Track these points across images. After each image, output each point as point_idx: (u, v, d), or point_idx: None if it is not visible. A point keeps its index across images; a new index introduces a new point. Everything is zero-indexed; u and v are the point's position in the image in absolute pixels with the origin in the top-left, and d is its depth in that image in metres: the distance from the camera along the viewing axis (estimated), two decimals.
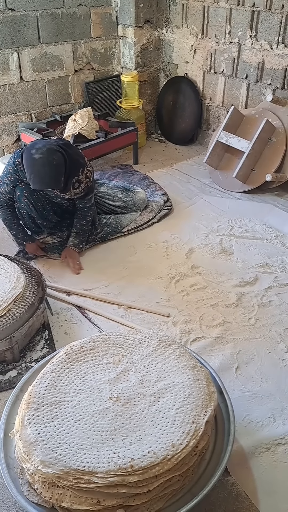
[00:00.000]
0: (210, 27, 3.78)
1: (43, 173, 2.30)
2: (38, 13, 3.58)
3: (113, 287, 2.52)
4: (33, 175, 2.31)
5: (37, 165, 2.29)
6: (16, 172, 2.49)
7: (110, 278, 2.59)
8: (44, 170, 2.30)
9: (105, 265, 2.70)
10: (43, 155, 2.29)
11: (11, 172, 2.51)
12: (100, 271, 2.65)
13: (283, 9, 3.26)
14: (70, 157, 2.40)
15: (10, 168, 2.51)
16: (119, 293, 2.48)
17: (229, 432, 1.51)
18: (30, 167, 2.31)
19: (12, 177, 2.52)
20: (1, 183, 2.56)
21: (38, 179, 2.31)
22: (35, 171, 2.30)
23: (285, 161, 3.38)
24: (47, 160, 2.29)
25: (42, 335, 2.14)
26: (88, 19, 3.89)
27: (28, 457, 1.34)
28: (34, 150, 2.31)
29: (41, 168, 2.29)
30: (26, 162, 2.34)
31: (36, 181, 2.32)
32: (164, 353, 1.68)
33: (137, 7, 3.90)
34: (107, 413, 1.45)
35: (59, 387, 1.52)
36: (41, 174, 2.30)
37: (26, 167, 2.34)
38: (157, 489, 1.32)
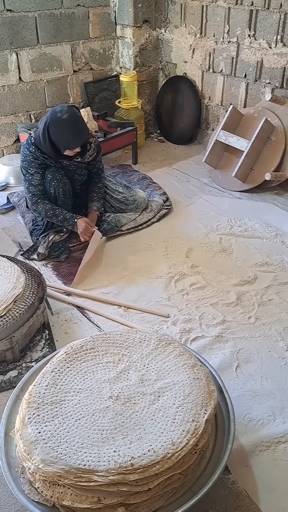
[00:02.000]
0: (209, 27, 3.79)
1: (80, 127, 2.50)
2: (37, 14, 3.58)
3: (113, 287, 2.53)
4: (72, 133, 2.46)
5: (71, 123, 2.46)
6: (37, 158, 2.59)
7: (110, 278, 2.59)
8: (78, 124, 2.49)
9: (105, 264, 2.70)
10: (69, 113, 2.47)
11: (32, 160, 2.59)
12: (100, 270, 2.65)
13: (281, 8, 3.27)
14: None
15: (30, 158, 2.59)
16: (119, 292, 2.49)
17: (229, 431, 1.52)
18: (65, 128, 2.45)
19: (36, 164, 2.59)
20: (29, 177, 2.61)
21: (78, 134, 2.48)
22: (72, 129, 2.46)
23: (284, 160, 3.38)
24: (75, 115, 2.50)
25: (42, 335, 2.15)
26: (87, 19, 3.89)
27: (28, 456, 1.34)
28: (58, 114, 2.47)
29: (75, 123, 2.47)
30: (58, 127, 2.45)
31: (78, 136, 2.49)
32: (164, 352, 1.68)
33: (135, 7, 3.91)
34: (107, 412, 1.45)
35: (59, 387, 1.52)
36: (79, 128, 2.49)
37: (58, 131, 2.46)
38: (158, 487, 1.33)
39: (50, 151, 2.55)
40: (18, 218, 3.14)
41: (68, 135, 2.47)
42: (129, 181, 3.50)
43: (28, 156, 2.60)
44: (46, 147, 2.54)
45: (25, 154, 2.61)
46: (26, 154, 2.61)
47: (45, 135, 2.50)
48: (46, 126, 2.50)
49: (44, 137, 2.51)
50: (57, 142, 2.51)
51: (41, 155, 2.60)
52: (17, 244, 2.86)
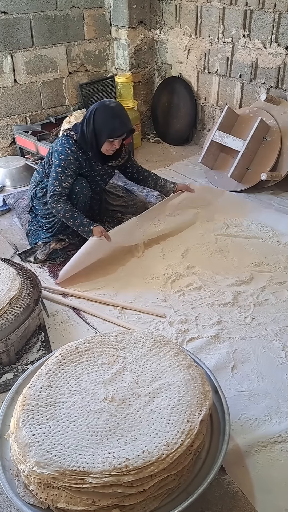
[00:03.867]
0: (204, 27, 3.79)
1: (125, 116, 2.57)
2: (31, 16, 3.59)
3: (109, 288, 2.52)
4: (120, 117, 2.52)
5: (118, 111, 2.53)
6: (77, 159, 2.59)
7: (107, 279, 2.59)
8: (124, 114, 2.56)
9: (101, 266, 2.70)
10: (116, 103, 2.59)
11: (72, 162, 2.57)
12: (96, 272, 2.65)
13: (275, 8, 3.27)
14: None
15: (71, 158, 2.57)
16: (115, 293, 2.48)
17: (225, 431, 1.51)
18: (112, 114, 2.50)
19: (74, 167, 2.59)
20: (62, 177, 2.56)
21: (125, 120, 2.54)
22: (120, 115, 2.53)
23: (280, 160, 3.39)
24: (122, 107, 2.60)
25: (38, 337, 2.14)
26: (81, 21, 3.90)
27: (23, 459, 1.34)
28: (106, 102, 2.57)
29: (122, 112, 2.56)
30: (104, 113, 2.50)
31: (125, 121, 2.54)
32: (159, 353, 1.68)
33: (130, 8, 3.91)
34: (102, 413, 1.45)
35: (54, 389, 1.52)
36: (126, 115, 2.57)
37: (105, 117, 2.49)
38: (152, 489, 1.33)
39: (93, 142, 2.54)
40: (14, 220, 3.14)
41: (114, 120, 2.49)
42: (126, 183, 3.49)
43: (69, 156, 2.56)
44: (89, 137, 2.53)
45: (66, 153, 2.55)
46: (67, 153, 2.55)
47: (90, 122, 2.52)
48: (92, 113, 2.52)
49: (88, 125, 2.52)
50: (100, 129, 2.50)
51: (82, 155, 2.60)
52: (13, 246, 2.86)
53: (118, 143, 2.58)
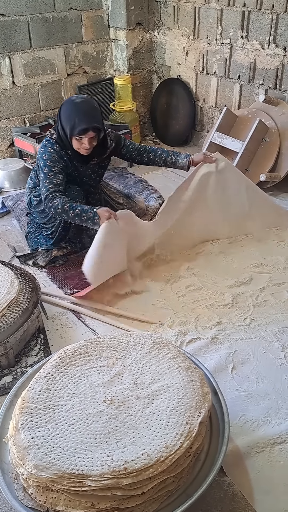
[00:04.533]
0: (202, 28, 3.80)
1: (90, 110, 2.39)
2: (29, 18, 3.59)
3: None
4: (82, 114, 2.35)
5: (82, 105, 2.38)
6: (61, 158, 2.51)
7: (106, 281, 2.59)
8: (89, 109, 2.39)
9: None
10: (84, 99, 2.43)
11: (57, 159, 2.49)
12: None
13: (273, 8, 3.27)
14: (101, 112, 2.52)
15: (55, 156, 2.48)
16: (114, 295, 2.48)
17: (224, 433, 1.51)
18: (75, 110, 2.37)
19: (61, 164, 2.50)
20: (51, 176, 2.46)
21: (88, 115, 2.36)
22: (83, 110, 2.37)
23: (279, 161, 3.39)
24: (90, 102, 2.43)
25: (37, 340, 2.14)
26: (80, 22, 3.90)
27: (22, 462, 1.34)
28: (73, 97, 2.43)
29: (87, 107, 2.39)
30: (68, 109, 2.39)
31: (85, 118, 2.35)
32: (158, 355, 1.68)
33: (128, 9, 3.92)
34: (101, 416, 1.45)
35: (52, 391, 1.52)
36: (90, 111, 2.39)
37: (69, 113, 2.38)
38: (152, 491, 1.32)
39: (65, 140, 2.46)
40: (13, 223, 3.14)
41: (74, 117, 2.36)
42: (125, 184, 3.49)
43: (52, 155, 2.48)
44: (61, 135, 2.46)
45: (49, 153, 2.47)
46: (50, 152, 2.47)
47: (58, 119, 2.45)
48: (59, 110, 2.46)
49: (58, 122, 2.46)
50: (65, 126, 2.41)
51: (65, 154, 2.52)
52: (12, 248, 2.86)
53: (88, 141, 2.40)
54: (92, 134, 2.39)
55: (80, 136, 2.38)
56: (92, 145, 2.45)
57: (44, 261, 2.69)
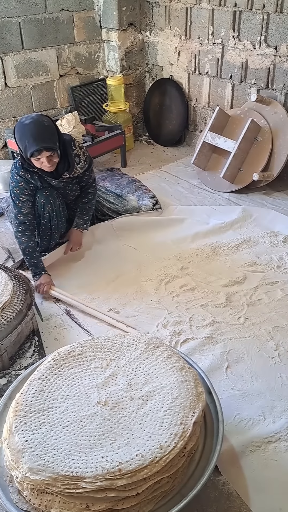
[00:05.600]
0: (193, 29, 3.80)
1: (40, 131, 2.30)
2: (21, 19, 3.58)
3: (102, 291, 2.52)
4: (30, 136, 2.27)
5: (30, 126, 2.29)
6: (28, 183, 2.47)
7: (100, 281, 2.59)
8: (38, 129, 2.30)
9: (94, 268, 2.70)
10: (33, 119, 2.32)
11: (24, 187, 2.46)
12: (90, 274, 2.65)
13: (264, 8, 3.28)
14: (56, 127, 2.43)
15: (21, 183, 2.46)
16: (109, 296, 2.48)
17: (218, 432, 1.51)
18: (24, 132, 2.29)
19: (28, 190, 2.48)
20: (19, 205, 2.47)
21: (37, 136, 2.27)
22: (31, 132, 2.28)
23: (272, 160, 3.40)
24: (38, 122, 2.31)
25: (32, 342, 2.14)
26: (71, 23, 3.90)
27: (16, 465, 1.34)
28: (23, 119, 2.34)
29: (35, 128, 2.29)
30: (19, 132, 2.31)
31: (35, 140, 2.27)
32: (152, 355, 1.68)
33: (120, 10, 3.92)
34: (95, 417, 1.45)
35: (46, 394, 1.52)
36: (39, 132, 2.29)
37: (20, 136, 2.30)
38: (146, 492, 1.33)
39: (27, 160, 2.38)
40: (7, 225, 3.13)
41: (25, 139, 2.29)
42: (118, 185, 3.50)
43: (19, 182, 2.45)
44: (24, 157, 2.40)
45: (16, 180, 2.46)
46: (17, 179, 2.45)
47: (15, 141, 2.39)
48: (12, 133, 2.40)
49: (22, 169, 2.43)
50: (21, 147, 2.34)
51: (31, 177, 2.48)
52: (6, 250, 2.85)
53: (47, 159, 2.33)
54: (47, 153, 2.32)
55: (35, 157, 2.32)
56: (54, 162, 2.38)
57: None
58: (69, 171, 2.51)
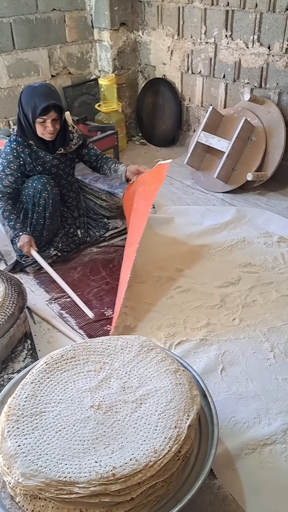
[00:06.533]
0: (186, 28, 3.79)
1: (50, 92, 2.44)
2: (12, 19, 3.56)
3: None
4: (41, 95, 2.38)
5: (40, 88, 2.43)
6: (18, 157, 2.52)
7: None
8: (48, 90, 2.45)
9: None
10: (41, 83, 2.51)
11: (12, 161, 2.52)
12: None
13: (256, 7, 3.27)
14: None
15: (10, 156, 2.51)
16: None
17: (213, 435, 1.50)
18: (35, 92, 2.40)
19: (15, 165, 2.52)
20: (2, 176, 2.53)
21: (47, 95, 2.40)
22: (41, 92, 2.40)
23: (266, 160, 3.39)
24: (47, 85, 2.51)
25: (24, 345, 2.12)
26: (63, 23, 3.87)
27: (8, 470, 1.32)
28: (31, 84, 2.48)
29: (45, 89, 2.44)
30: (27, 93, 2.42)
31: (45, 98, 2.38)
32: (146, 358, 1.66)
33: (111, 10, 3.90)
34: (89, 422, 1.43)
35: (39, 398, 1.50)
36: (49, 92, 2.43)
37: (29, 97, 2.40)
38: (141, 496, 1.31)
39: (28, 127, 2.47)
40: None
41: (35, 98, 2.38)
42: (111, 185, 3.48)
43: (8, 155, 2.52)
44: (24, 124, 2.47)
45: (6, 152, 2.52)
46: (6, 152, 2.52)
47: (19, 106, 2.46)
48: (19, 98, 2.47)
49: (19, 110, 2.47)
50: (26, 110, 2.42)
51: (23, 151, 2.52)
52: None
53: (51, 123, 2.42)
54: (54, 115, 2.41)
55: (42, 117, 2.39)
56: (56, 129, 2.47)
57: (33, 270, 2.67)
58: (64, 146, 2.60)
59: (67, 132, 2.59)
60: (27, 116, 2.44)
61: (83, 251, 2.86)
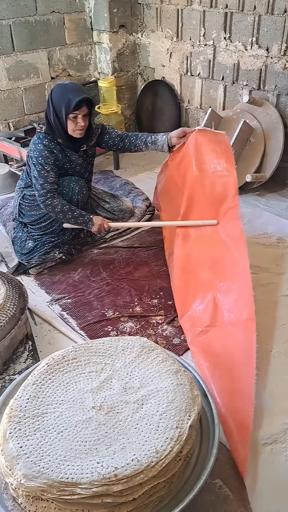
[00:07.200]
0: (185, 30, 3.80)
1: (80, 87, 2.53)
2: (11, 22, 3.57)
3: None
4: (74, 91, 2.43)
5: (71, 85, 2.50)
6: (52, 153, 2.53)
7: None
8: (79, 86, 2.54)
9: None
10: (71, 82, 2.64)
11: (48, 156, 2.52)
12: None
13: (255, 10, 3.29)
14: None
15: (45, 152, 2.51)
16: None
17: (214, 435, 1.51)
18: (66, 88, 2.45)
19: (51, 160, 2.53)
20: (44, 175, 2.50)
21: (79, 90, 2.46)
22: (74, 88, 2.46)
23: (264, 161, 3.40)
24: (77, 83, 2.62)
25: (26, 346, 2.12)
26: (62, 25, 3.89)
27: (11, 472, 1.32)
28: (61, 83, 2.54)
29: (76, 86, 2.52)
30: (59, 90, 2.46)
31: (78, 93, 2.42)
32: (147, 359, 1.67)
33: (111, 12, 3.91)
34: (90, 422, 1.44)
35: (41, 399, 1.50)
36: (81, 88, 2.53)
37: (61, 93, 2.44)
38: (143, 497, 1.31)
39: (58, 125, 2.48)
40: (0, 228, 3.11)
41: (67, 93, 2.42)
42: (111, 187, 3.49)
43: (43, 151, 2.50)
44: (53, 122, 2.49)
45: (39, 150, 2.50)
46: (40, 149, 2.50)
47: (49, 104, 2.49)
48: (49, 96, 2.50)
49: (49, 109, 2.49)
50: (58, 107, 2.44)
51: (55, 147, 2.54)
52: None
53: (82, 119, 2.46)
54: (85, 110, 2.45)
55: (75, 112, 2.42)
56: (85, 126, 2.50)
57: (35, 272, 2.68)
58: (86, 142, 2.63)
59: (91, 129, 2.61)
60: (58, 113, 2.46)
61: (84, 252, 2.87)
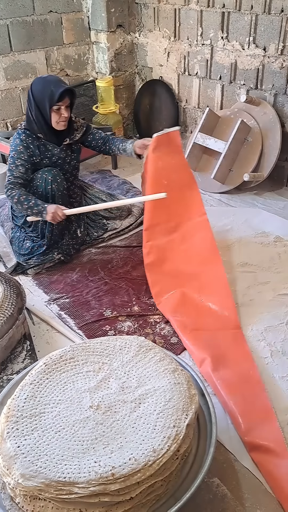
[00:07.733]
0: (182, 30, 3.80)
1: (59, 79, 2.55)
2: (9, 21, 3.57)
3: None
4: (55, 83, 2.48)
5: (51, 78, 2.54)
6: (27, 148, 2.55)
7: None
8: (58, 78, 2.57)
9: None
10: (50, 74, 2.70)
11: (22, 151, 2.54)
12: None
13: (252, 9, 3.29)
14: None
15: (20, 147, 2.54)
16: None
17: (212, 434, 1.51)
18: (48, 81, 2.49)
19: (25, 156, 2.55)
20: (13, 168, 2.53)
21: (59, 82, 2.50)
22: (55, 80, 2.51)
23: (262, 160, 3.41)
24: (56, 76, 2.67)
25: (24, 346, 2.12)
26: (60, 25, 3.89)
27: (8, 471, 1.33)
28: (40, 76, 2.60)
29: (56, 78, 2.55)
30: (40, 83, 2.49)
31: (59, 84, 2.47)
32: (145, 358, 1.67)
33: (108, 12, 3.91)
34: (88, 422, 1.44)
35: (38, 399, 1.51)
36: (58, 79, 2.54)
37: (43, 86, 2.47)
38: (140, 496, 1.32)
39: (40, 119, 2.51)
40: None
41: (49, 85, 2.45)
42: (109, 187, 3.49)
43: (18, 146, 2.54)
44: (35, 116, 2.51)
45: (15, 144, 2.55)
46: (16, 143, 2.55)
47: (30, 98, 2.51)
48: (29, 90, 2.51)
49: (30, 103, 2.51)
50: (41, 99, 2.46)
51: (32, 143, 2.56)
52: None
53: (65, 110, 2.50)
54: (68, 101, 2.50)
55: (58, 104, 2.45)
56: (67, 117, 2.55)
57: (33, 272, 2.68)
58: (69, 136, 2.65)
59: (71, 120, 2.65)
60: (40, 106, 2.48)
61: (82, 251, 2.87)
